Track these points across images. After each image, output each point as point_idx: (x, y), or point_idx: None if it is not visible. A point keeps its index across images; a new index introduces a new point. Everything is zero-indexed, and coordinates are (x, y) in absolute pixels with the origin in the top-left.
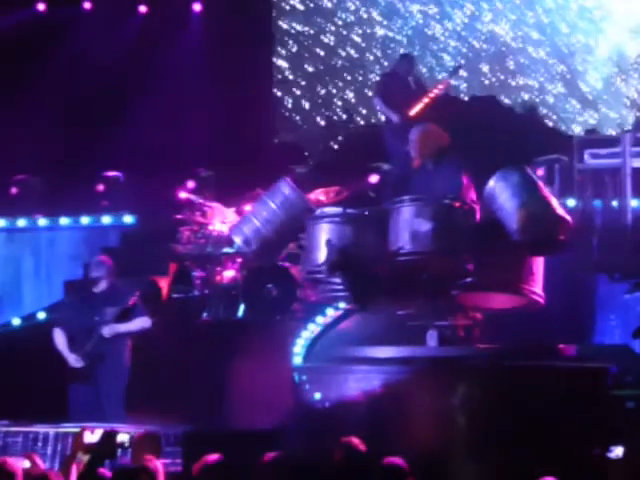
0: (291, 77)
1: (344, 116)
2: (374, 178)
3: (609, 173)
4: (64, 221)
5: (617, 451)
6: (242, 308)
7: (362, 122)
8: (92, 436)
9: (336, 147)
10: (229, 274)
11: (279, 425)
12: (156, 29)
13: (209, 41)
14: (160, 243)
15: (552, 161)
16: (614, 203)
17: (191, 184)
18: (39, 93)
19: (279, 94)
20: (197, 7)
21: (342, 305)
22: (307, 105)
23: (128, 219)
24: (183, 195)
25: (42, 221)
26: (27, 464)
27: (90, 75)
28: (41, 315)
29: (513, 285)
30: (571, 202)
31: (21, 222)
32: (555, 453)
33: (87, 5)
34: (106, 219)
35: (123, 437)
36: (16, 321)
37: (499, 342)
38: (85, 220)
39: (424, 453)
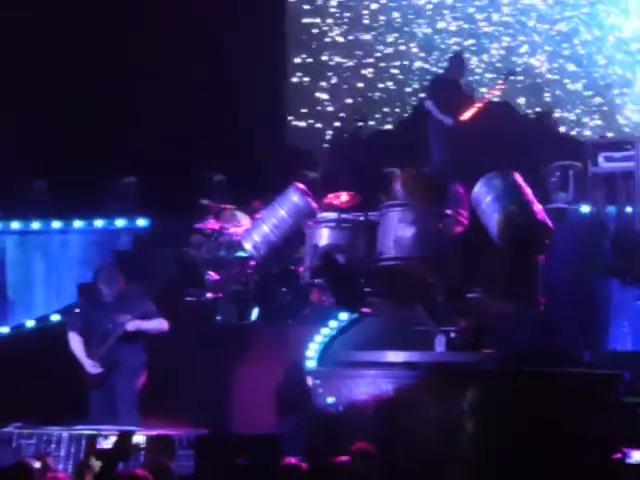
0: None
1: (356, 122)
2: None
3: (622, 177)
4: (77, 224)
5: (637, 456)
6: (255, 312)
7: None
8: (105, 442)
9: (348, 152)
10: (241, 278)
11: (291, 429)
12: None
13: (221, 44)
14: (173, 247)
15: (566, 167)
16: (628, 209)
17: (204, 188)
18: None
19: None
20: None
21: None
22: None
23: (141, 222)
24: (197, 199)
25: (55, 224)
26: (38, 465)
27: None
28: (54, 317)
29: (504, 291)
30: (585, 208)
31: (34, 225)
32: (567, 459)
33: None
34: (119, 222)
35: (139, 438)
36: (30, 323)
37: (510, 348)
38: (98, 223)
39: (433, 457)
